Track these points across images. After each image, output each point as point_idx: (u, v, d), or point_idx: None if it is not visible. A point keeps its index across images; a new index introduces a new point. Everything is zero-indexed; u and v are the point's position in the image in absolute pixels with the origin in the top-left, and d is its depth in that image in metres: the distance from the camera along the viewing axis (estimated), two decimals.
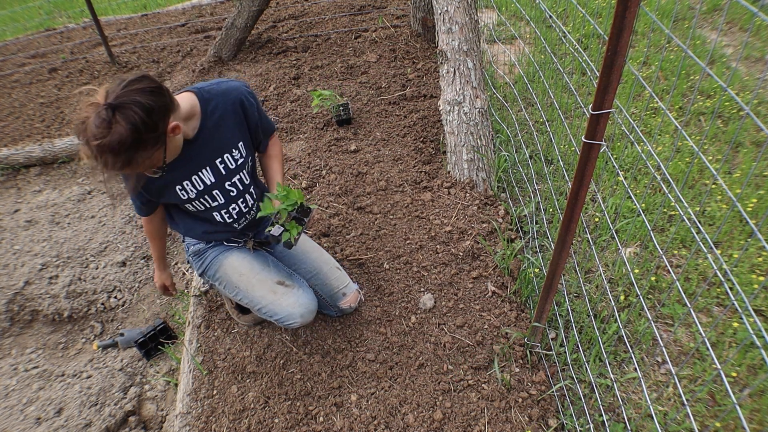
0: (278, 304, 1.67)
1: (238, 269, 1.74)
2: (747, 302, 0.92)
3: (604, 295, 2.06)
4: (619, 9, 0.96)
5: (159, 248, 1.87)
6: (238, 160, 1.62)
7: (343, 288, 1.87)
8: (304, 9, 4.64)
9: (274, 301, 1.67)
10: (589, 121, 1.13)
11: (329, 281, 1.85)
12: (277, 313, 1.67)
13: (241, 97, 1.56)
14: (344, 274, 1.90)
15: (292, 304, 1.67)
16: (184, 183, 1.54)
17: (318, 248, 1.93)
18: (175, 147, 1.41)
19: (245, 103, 1.57)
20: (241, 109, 1.58)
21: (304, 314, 1.67)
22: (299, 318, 1.67)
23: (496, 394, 1.69)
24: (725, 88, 0.87)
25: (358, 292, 1.92)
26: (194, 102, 1.48)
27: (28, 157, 3.40)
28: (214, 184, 1.60)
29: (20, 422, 2.01)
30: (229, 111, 1.54)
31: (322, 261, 1.88)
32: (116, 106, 1.16)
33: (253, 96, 1.64)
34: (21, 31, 5.97)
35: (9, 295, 2.49)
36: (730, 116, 2.98)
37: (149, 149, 1.26)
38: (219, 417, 1.73)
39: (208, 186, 1.59)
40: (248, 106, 1.59)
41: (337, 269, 1.88)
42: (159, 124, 1.25)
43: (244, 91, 1.59)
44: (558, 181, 2.61)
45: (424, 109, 2.98)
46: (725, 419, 1.65)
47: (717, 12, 4.16)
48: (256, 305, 1.71)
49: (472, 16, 2.43)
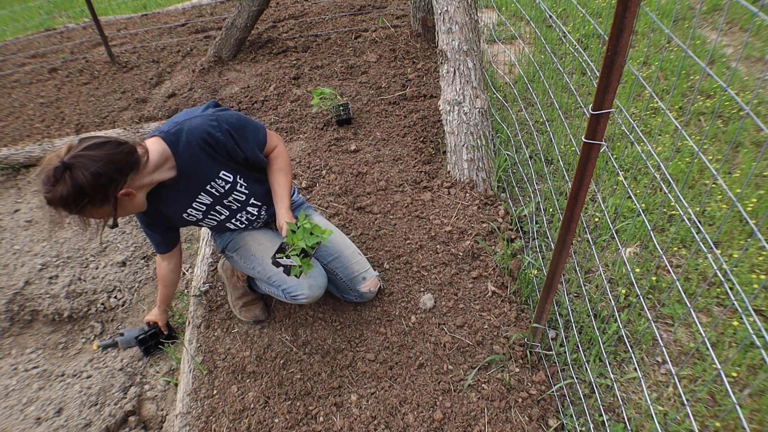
0: (291, 278, 1.72)
1: (258, 239, 1.86)
2: (747, 302, 0.92)
3: (604, 295, 2.06)
4: (619, 9, 0.96)
5: (167, 296, 2.00)
6: (225, 186, 1.68)
7: (363, 272, 1.92)
8: (304, 9, 4.64)
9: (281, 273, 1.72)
10: (589, 121, 1.13)
11: (350, 264, 1.91)
12: (286, 282, 1.74)
13: (204, 136, 1.54)
14: (365, 260, 1.96)
15: (306, 283, 1.73)
16: (188, 210, 1.68)
17: (340, 233, 2.00)
18: (136, 205, 1.49)
19: (209, 140, 1.55)
20: (209, 146, 1.56)
21: (312, 286, 1.73)
22: (307, 289, 1.72)
23: (496, 394, 1.69)
24: (725, 88, 0.87)
25: (378, 279, 1.97)
26: (163, 147, 1.50)
27: (28, 157, 3.40)
28: (214, 204, 1.71)
29: (20, 422, 2.01)
30: (197, 150, 1.55)
31: (343, 245, 1.94)
32: (68, 165, 1.26)
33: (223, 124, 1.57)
34: (21, 31, 5.97)
35: (9, 295, 2.49)
36: (730, 116, 2.98)
37: (96, 207, 1.36)
38: (219, 417, 1.73)
39: (210, 205, 1.70)
40: (215, 141, 1.56)
41: (357, 254, 1.94)
42: (107, 188, 1.33)
43: (208, 128, 1.54)
44: (558, 181, 2.61)
45: (424, 109, 2.98)
46: (725, 419, 1.65)
47: (717, 12, 4.16)
48: (268, 273, 1.79)
49: (472, 16, 2.43)
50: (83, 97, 3.93)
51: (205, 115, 1.56)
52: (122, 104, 3.72)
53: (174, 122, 1.55)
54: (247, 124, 1.65)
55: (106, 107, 3.74)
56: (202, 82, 3.71)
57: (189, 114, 1.58)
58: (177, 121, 1.55)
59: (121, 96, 3.84)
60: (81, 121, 3.61)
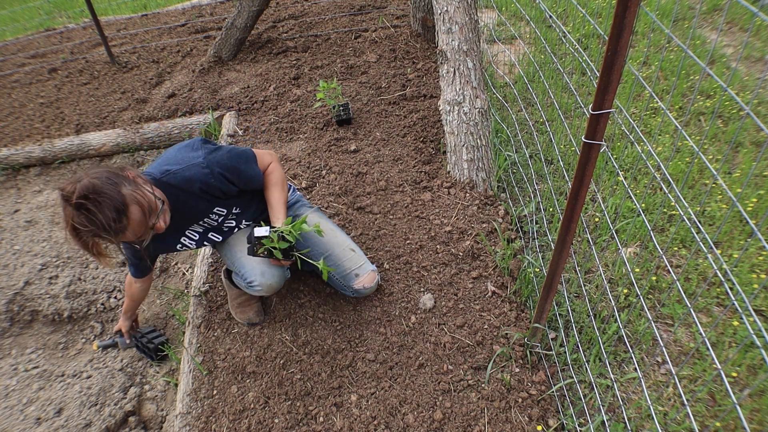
0: (247, 261, 1.75)
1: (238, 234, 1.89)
2: (747, 302, 0.92)
3: (604, 295, 2.06)
4: (619, 9, 0.96)
5: (131, 308, 2.10)
6: (219, 218, 1.76)
7: (356, 269, 1.90)
8: (304, 9, 4.63)
9: (245, 256, 1.75)
10: (589, 121, 1.13)
11: (341, 262, 1.89)
12: (243, 268, 1.77)
13: (199, 186, 1.57)
14: (359, 255, 1.93)
15: (260, 273, 1.73)
16: (182, 240, 1.75)
17: (333, 230, 1.98)
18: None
19: (204, 188, 1.59)
20: (203, 193, 1.60)
21: (265, 273, 1.73)
22: (259, 276, 1.72)
23: (496, 394, 1.69)
24: (725, 88, 0.87)
25: (375, 273, 1.94)
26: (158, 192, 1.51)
27: (28, 157, 3.40)
28: (205, 233, 1.79)
29: (20, 422, 2.01)
30: (193, 197, 1.60)
31: (334, 243, 1.93)
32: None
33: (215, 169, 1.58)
34: (21, 31, 5.97)
35: (9, 295, 2.49)
36: (730, 116, 2.98)
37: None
38: (219, 417, 1.73)
39: (202, 234, 1.78)
40: (209, 187, 1.60)
41: (350, 250, 1.92)
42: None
43: (201, 177, 1.56)
44: (558, 181, 2.61)
45: (424, 109, 2.98)
46: (725, 419, 1.65)
47: (717, 12, 4.16)
48: (231, 258, 1.84)
49: (472, 16, 2.43)
50: (83, 97, 3.93)
51: (196, 164, 1.56)
52: (122, 104, 3.72)
53: (165, 169, 1.56)
54: (239, 160, 1.67)
55: (106, 107, 3.74)
56: (202, 82, 3.71)
57: (178, 159, 1.57)
58: (168, 169, 1.56)
59: (121, 96, 3.84)
60: (81, 121, 3.61)
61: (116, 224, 1.33)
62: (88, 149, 3.37)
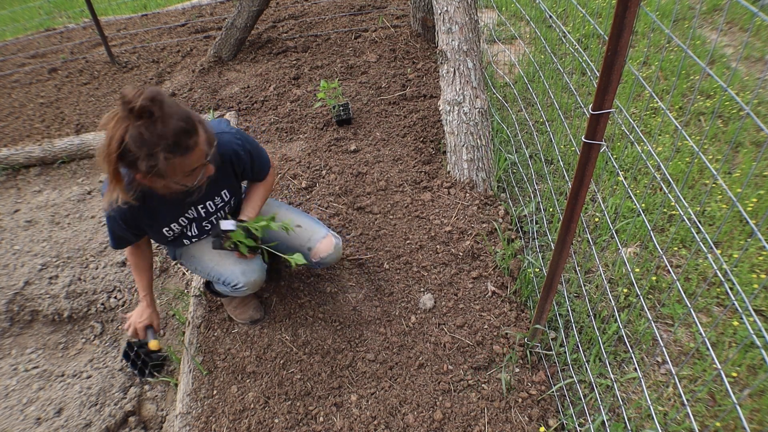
0: (223, 266, 1.70)
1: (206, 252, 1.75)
2: (747, 302, 0.92)
3: (604, 295, 2.06)
4: (619, 9, 0.96)
5: (147, 278, 1.76)
6: (218, 204, 1.67)
7: (307, 243, 1.81)
8: (304, 9, 4.63)
9: (219, 263, 1.70)
10: (589, 121, 1.13)
11: (290, 241, 1.82)
12: (222, 275, 1.70)
13: (231, 153, 1.56)
14: (309, 228, 1.82)
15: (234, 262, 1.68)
16: (171, 225, 1.60)
17: (279, 209, 1.88)
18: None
19: (234, 158, 1.58)
20: (231, 164, 1.59)
21: (246, 272, 1.69)
22: (241, 276, 1.68)
23: (496, 394, 1.69)
24: (725, 88, 0.87)
25: (331, 237, 1.82)
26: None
27: (28, 157, 3.40)
28: (191, 223, 1.67)
29: (20, 422, 2.01)
30: (221, 164, 1.54)
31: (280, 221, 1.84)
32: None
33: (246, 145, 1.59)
34: (21, 31, 5.97)
35: (9, 295, 2.49)
36: (730, 116, 2.98)
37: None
38: (219, 417, 1.73)
39: (187, 224, 1.66)
40: (238, 159, 1.59)
41: (297, 227, 1.80)
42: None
43: (235, 146, 1.56)
44: (558, 181, 2.61)
45: (424, 109, 2.98)
46: (725, 419, 1.65)
47: (717, 12, 4.16)
48: (205, 270, 1.75)
49: (472, 16, 2.43)
50: (83, 97, 3.92)
51: (231, 132, 1.57)
52: None
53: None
54: (261, 151, 1.69)
55: (106, 107, 3.73)
56: (202, 82, 3.71)
57: (212, 126, 1.51)
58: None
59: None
60: (81, 121, 3.61)
61: (185, 139, 1.19)
62: (88, 149, 3.37)
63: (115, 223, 1.53)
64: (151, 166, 1.21)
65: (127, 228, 1.54)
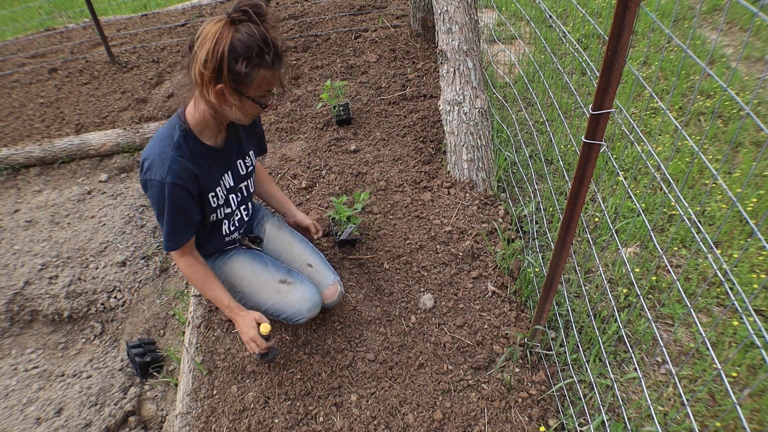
0: (285, 303, 1.69)
1: (239, 274, 1.74)
2: (747, 302, 0.92)
3: (604, 295, 2.06)
4: (619, 9, 0.96)
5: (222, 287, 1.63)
6: (248, 167, 1.69)
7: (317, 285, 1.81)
8: (304, 9, 4.63)
9: (280, 300, 1.69)
10: (589, 121, 1.13)
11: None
12: (284, 312, 1.70)
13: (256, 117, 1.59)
14: (320, 271, 1.82)
15: (299, 301, 1.69)
16: (216, 189, 1.55)
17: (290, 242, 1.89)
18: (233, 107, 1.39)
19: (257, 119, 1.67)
20: (254, 124, 1.66)
21: (311, 308, 1.70)
22: (307, 313, 1.69)
23: (496, 394, 1.69)
24: (725, 88, 0.87)
25: (337, 285, 1.82)
26: None
27: (28, 157, 3.40)
28: (232, 188, 1.64)
29: (20, 422, 2.01)
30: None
31: (291, 258, 1.85)
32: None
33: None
34: (21, 31, 5.97)
35: (9, 295, 2.49)
36: (730, 116, 2.98)
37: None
38: (219, 417, 1.73)
39: (228, 190, 1.62)
40: (258, 121, 1.70)
41: (307, 266, 1.81)
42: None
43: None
44: (558, 181, 2.61)
45: (424, 109, 2.98)
46: (725, 419, 1.65)
47: (717, 12, 4.17)
48: (262, 307, 1.73)
49: (472, 16, 2.43)
50: (83, 97, 3.92)
51: None
52: (122, 104, 3.72)
53: None
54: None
55: (106, 107, 3.74)
56: None
57: None
58: None
59: (121, 96, 3.84)
60: (81, 121, 3.61)
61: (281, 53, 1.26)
62: (88, 149, 3.37)
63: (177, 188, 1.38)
64: (247, 72, 1.26)
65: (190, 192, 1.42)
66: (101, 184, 3.25)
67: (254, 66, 1.27)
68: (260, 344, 1.59)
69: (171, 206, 1.40)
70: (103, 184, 3.24)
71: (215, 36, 1.22)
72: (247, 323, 1.59)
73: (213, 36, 1.23)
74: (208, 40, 1.23)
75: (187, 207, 1.45)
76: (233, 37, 1.23)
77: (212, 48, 1.22)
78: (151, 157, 1.38)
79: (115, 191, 3.11)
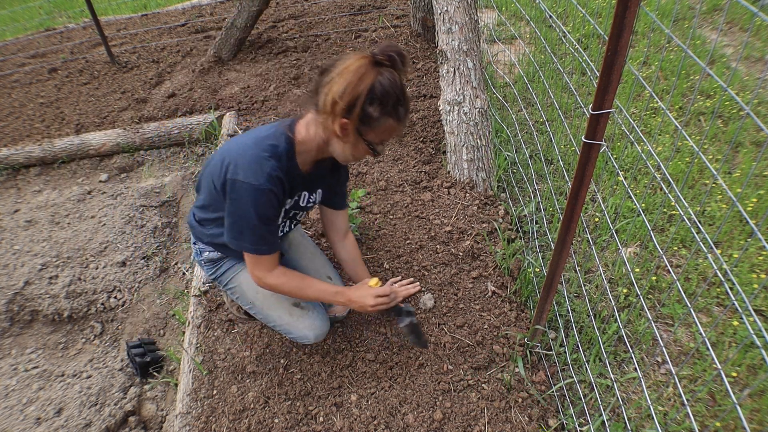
0: (294, 326, 1.70)
1: (254, 286, 1.69)
2: (747, 302, 0.92)
3: (604, 295, 2.06)
4: (619, 9, 0.96)
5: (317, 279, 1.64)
6: (311, 202, 1.63)
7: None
8: (304, 9, 4.63)
9: (290, 323, 1.70)
10: (589, 121, 1.13)
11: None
12: (291, 333, 1.72)
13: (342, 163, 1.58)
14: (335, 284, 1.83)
15: (308, 327, 1.70)
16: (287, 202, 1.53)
17: (313, 253, 1.93)
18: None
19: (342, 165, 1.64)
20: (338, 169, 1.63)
21: (318, 336, 1.72)
22: (313, 339, 1.71)
23: (496, 394, 1.69)
24: (725, 88, 0.87)
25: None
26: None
27: (28, 157, 3.40)
28: (286, 213, 1.58)
29: (20, 422, 2.01)
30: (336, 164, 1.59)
31: (312, 269, 1.88)
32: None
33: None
34: (21, 31, 5.97)
35: (9, 295, 2.49)
36: (730, 116, 2.98)
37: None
38: (219, 417, 1.73)
39: (284, 213, 1.56)
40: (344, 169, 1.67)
41: (327, 278, 1.88)
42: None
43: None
44: (558, 181, 2.61)
45: (424, 109, 2.98)
46: (725, 419, 1.65)
47: (717, 12, 4.17)
48: (271, 322, 1.75)
49: (472, 16, 2.43)
50: (83, 97, 3.92)
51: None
52: (122, 104, 3.72)
53: None
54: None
55: (106, 107, 3.74)
56: (202, 82, 3.71)
57: None
58: None
59: (121, 96, 3.84)
60: (81, 121, 3.61)
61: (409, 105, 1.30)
62: (88, 149, 3.37)
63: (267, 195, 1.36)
64: (377, 117, 1.27)
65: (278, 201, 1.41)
66: (101, 184, 3.25)
67: (386, 114, 1.28)
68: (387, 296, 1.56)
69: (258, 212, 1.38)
70: (103, 184, 3.25)
71: (359, 72, 1.22)
72: (361, 294, 1.56)
73: (356, 71, 1.23)
74: (350, 72, 1.23)
75: (272, 215, 1.43)
76: (375, 79, 1.23)
77: (354, 82, 1.22)
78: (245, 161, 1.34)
79: (115, 191, 3.11)
